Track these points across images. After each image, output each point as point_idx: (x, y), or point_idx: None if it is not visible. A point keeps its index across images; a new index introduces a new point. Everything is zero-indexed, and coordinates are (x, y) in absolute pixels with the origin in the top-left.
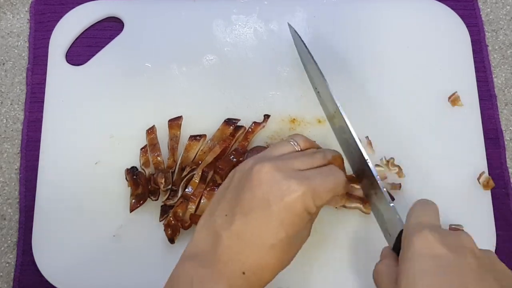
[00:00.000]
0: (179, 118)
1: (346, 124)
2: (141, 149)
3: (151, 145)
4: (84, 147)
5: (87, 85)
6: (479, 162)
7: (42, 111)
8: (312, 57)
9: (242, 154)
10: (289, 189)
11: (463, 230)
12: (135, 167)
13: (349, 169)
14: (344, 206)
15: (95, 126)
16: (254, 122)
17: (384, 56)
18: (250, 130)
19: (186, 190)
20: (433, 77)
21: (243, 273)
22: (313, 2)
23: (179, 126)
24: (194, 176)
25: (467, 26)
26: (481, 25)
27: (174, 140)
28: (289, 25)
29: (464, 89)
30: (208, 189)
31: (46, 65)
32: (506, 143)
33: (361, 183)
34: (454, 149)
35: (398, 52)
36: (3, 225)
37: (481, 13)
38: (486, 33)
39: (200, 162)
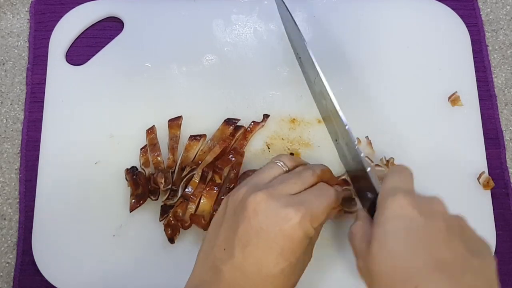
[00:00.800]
0: (179, 118)
1: (325, 88)
2: (141, 149)
3: (151, 145)
4: (84, 147)
5: (87, 85)
6: (479, 162)
7: (42, 111)
8: (294, 20)
9: (241, 153)
10: (286, 217)
11: (436, 196)
12: (135, 167)
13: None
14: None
15: (95, 126)
16: (253, 122)
17: (384, 56)
18: (249, 129)
19: (186, 190)
20: (433, 77)
21: None
22: (313, 2)
23: (179, 126)
24: (194, 176)
25: (467, 26)
26: (481, 25)
27: (174, 140)
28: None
29: (464, 89)
30: (207, 188)
31: (46, 65)
32: (506, 143)
33: (345, 155)
34: (454, 149)
35: (398, 52)
36: (3, 225)
37: (481, 13)
38: (486, 33)
39: (200, 162)
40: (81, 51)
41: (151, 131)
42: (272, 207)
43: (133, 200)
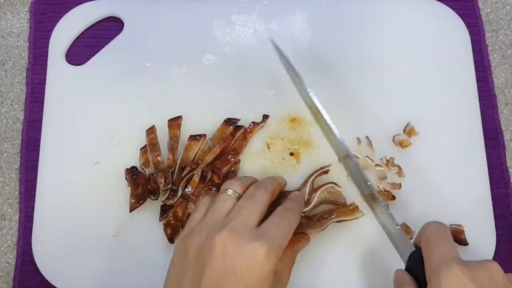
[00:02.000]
0: (179, 118)
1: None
2: (141, 149)
3: (151, 145)
4: (84, 147)
5: (87, 85)
6: (479, 162)
7: (42, 111)
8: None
9: (240, 154)
10: (253, 253)
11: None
12: (135, 167)
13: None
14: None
15: (95, 126)
16: (253, 122)
17: (384, 55)
18: (248, 130)
19: (186, 190)
20: (433, 77)
21: None
22: (313, 2)
23: (179, 126)
24: (194, 176)
25: (467, 26)
26: (481, 25)
27: (174, 140)
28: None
29: (464, 89)
30: (206, 189)
31: (46, 65)
32: (506, 143)
33: (366, 200)
34: (454, 149)
35: (398, 51)
36: (3, 225)
37: (481, 13)
38: (486, 33)
39: (200, 162)
40: (81, 51)
41: (151, 131)
42: (238, 245)
43: (133, 200)
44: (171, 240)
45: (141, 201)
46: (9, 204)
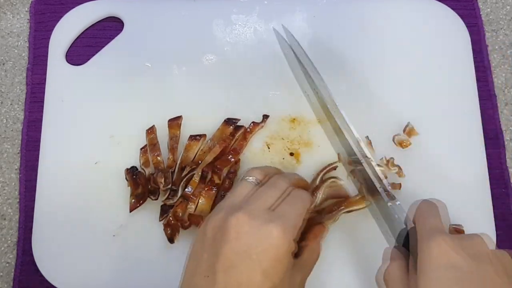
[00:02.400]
0: (179, 118)
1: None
2: (141, 149)
3: (151, 145)
4: (84, 147)
5: (87, 85)
6: (479, 162)
7: (42, 111)
8: (306, 55)
9: (240, 153)
10: (269, 235)
11: (477, 234)
12: (135, 167)
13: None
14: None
15: (95, 126)
16: (253, 122)
17: (384, 55)
18: (248, 130)
19: (186, 190)
20: (433, 76)
21: None
22: (313, 2)
23: (179, 126)
24: (194, 176)
25: (467, 26)
26: (481, 24)
27: (174, 140)
28: (283, 27)
29: (464, 89)
30: (206, 189)
31: (46, 65)
32: (506, 143)
33: (359, 181)
34: (454, 149)
35: (398, 51)
36: (3, 225)
37: (481, 13)
38: (486, 33)
39: (200, 162)
40: (81, 51)
41: (151, 131)
42: (253, 226)
43: (133, 200)
44: (171, 240)
45: (141, 201)
46: (9, 204)
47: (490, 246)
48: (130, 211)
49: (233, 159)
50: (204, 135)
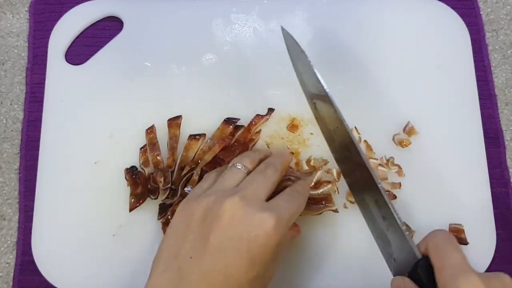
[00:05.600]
0: (179, 117)
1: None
2: (141, 148)
3: (151, 144)
4: (83, 146)
5: (87, 84)
6: (479, 162)
7: (41, 111)
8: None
9: (245, 144)
10: (262, 223)
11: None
12: (135, 166)
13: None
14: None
15: (95, 125)
16: (258, 115)
17: (384, 55)
18: (253, 122)
19: (186, 189)
20: (433, 76)
21: None
22: (313, 1)
23: (179, 126)
24: (194, 175)
25: (467, 26)
26: (481, 24)
27: (173, 139)
28: (282, 28)
29: (464, 88)
30: None
31: (45, 64)
32: (506, 143)
33: (360, 201)
34: (454, 148)
35: (398, 51)
36: (3, 225)
37: (481, 13)
38: (487, 33)
39: (199, 161)
40: (81, 50)
41: (150, 130)
42: (248, 213)
43: (133, 200)
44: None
45: (140, 201)
46: (9, 204)
47: None
48: (130, 211)
49: (237, 150)
50: (204, 135)
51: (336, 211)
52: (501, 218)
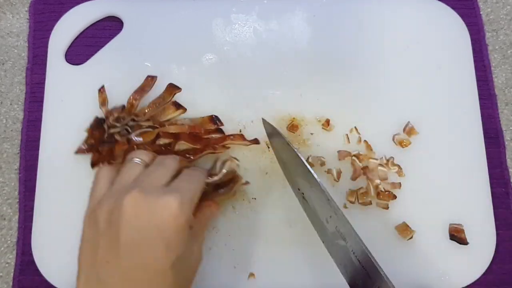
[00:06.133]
0: (154, 77)
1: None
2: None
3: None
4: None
5: (87, 84)
6: (479, 162)
7: (41, 111)
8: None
9: (208, 146)
10: (166, 206)
11: None
12: (103, 119)
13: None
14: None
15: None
16: (241, 135)
17: (384, 55)
18: (232, 137)
19: (136, 138)
20: (433, 76)
21: None
22: (313, 1)
23: (150, 85)
24: (151, 131)
25: (467, 26)
26: (481, 24)
27: (161, 101)
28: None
29: (464, 88)
30: (151, 149)
31: (45, 64)
32: (506, 142)
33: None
34: (454, 148)
35: (398, 51)
36: (3, 225)
37: (481, 13)
38: (487, 33)
39: (165, 125)
40: (81, 50)
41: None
42: (150, 201)
43: (86, 147)
44: (92, 163)
45: (93, 148)
46: (8, 204)
47: None
48: (92, 167)
49: (204, 151)
50: (184, 108)
51: (247, 183)
52: (501, 218)
